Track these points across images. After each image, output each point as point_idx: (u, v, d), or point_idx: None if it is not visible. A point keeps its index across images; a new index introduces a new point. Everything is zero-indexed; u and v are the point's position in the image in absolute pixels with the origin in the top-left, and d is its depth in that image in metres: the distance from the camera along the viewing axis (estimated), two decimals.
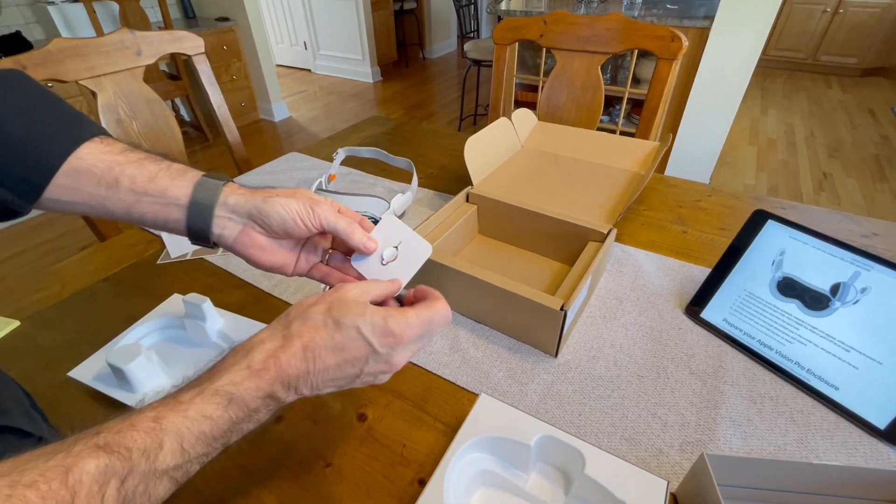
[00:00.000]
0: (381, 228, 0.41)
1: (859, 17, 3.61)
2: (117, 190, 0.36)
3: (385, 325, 0.31)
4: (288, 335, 0.31)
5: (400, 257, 0.40)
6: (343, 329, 0.31)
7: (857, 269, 0.46)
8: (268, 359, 0.30)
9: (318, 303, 0.33)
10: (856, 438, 0.44)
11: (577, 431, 0.45)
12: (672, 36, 0.90)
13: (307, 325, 0.31)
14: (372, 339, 0.31)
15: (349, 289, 0.34)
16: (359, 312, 0.31)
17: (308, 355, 0.30)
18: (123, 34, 0.93)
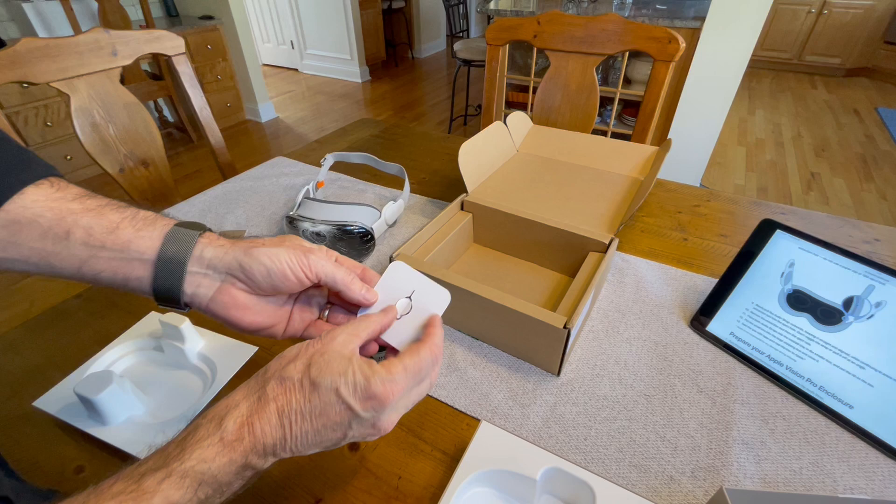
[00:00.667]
0: (389, 278, 0.36)
1: (843, 18, 3.66)
2: (68, 244, 0.30)
3: (367, 388, 0.27)
4: (263, 397, 0.27)
5: (415, 308, 0.35)
6: (320, 391, 0.27)
7: (871, 282, 0.45)
8: (241, 427, 0.26)
9: (297, 357, 0.29)
10: (873, 461, 0.42)
11: (584, 459, 0.42)
12: (669, 37, 0.88)
13: (283, 386, 0.28)
14: (353, 402, 0.27)
15: (334, 336, 0.30)
16: (339, 371, 0.27)
17: (284, 421, 0.27)
18: (98, 34, 0.89)
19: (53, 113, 2.30)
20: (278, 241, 0.33)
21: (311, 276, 0.33)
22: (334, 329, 0.30)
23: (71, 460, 0.43)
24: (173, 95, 2.81)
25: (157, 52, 0.97)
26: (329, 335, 0.30)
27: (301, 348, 0.29)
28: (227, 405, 0.27)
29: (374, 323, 0.32)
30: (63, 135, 2.37)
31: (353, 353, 0.29)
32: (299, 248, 0.33)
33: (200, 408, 0.46)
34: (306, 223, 0.64)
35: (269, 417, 0.27)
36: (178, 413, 0.46)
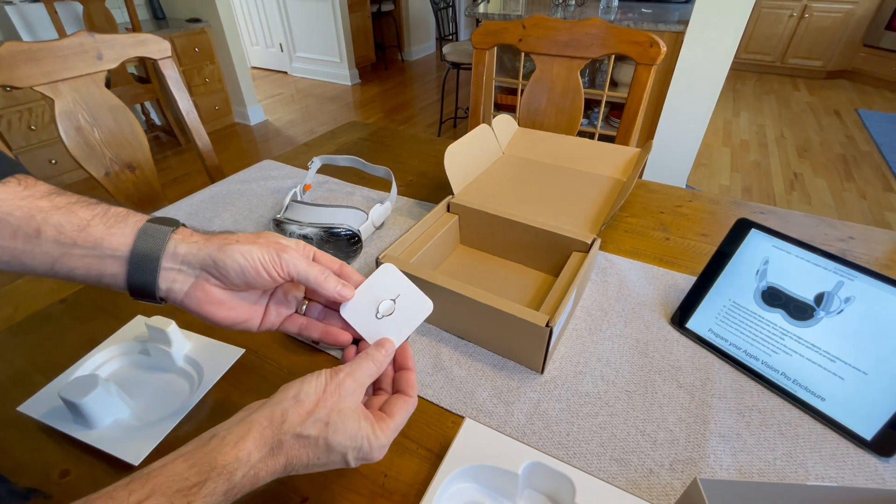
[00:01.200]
0: (379, 278, 0.37)
1: (823, 22, 3.74)
2: (39, 242, 0.30)
3: (368, 453, 0.31)
4: (277, 450, 0.28)
5: (397, 311, 0.36)
6: (331, 453, 0.30)
7: (840, 278, 0.46)
8: (247, 481, 0.27)
9: (316, 411, 0.29)
10: (843, 450, 0.43)
11: (566, 454, 0.43)
12: (651, 42, 0.90)
13: (299, 443, 0.29)
14: (352, 461, 0.31)
15: (347, 392, 0.31)
16: (352, 436, 0.30)
17: (286, 469, 0.29)
18: (82, 37, 0.88)
19: (37, 117, 2.28)
20: (253, 238, 0.34)
21: (283, 275, 0.34)
22: (347, 377, 0.32)
23: (56, 464, 0.43)
24: (160, 98, 2.79)
25: (143, 55, 0.97)
26: (341, 384, 0.31)
27: (318, 398, 0.30)
28: (237, 457, 0.27)
29: (377, 369, 0.34)
30: (47, 139, 2.34)
31: (361, 409, 0.31)
32: (274, 245, 0.34)
33: (187, 410, 0.47)
34: (293, 226, 0.64)
35: (274, 469, 0.28)
36: (165, 415, 0.46)
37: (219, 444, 0.27)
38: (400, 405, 0.34)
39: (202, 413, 0.47)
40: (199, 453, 0.27)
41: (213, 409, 0.48)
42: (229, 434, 0.28)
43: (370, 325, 0.36)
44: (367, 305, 0.36)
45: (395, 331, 0.36)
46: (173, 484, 0.25)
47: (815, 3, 3.70)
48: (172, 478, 0.25)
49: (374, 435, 0.31)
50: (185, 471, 0.26)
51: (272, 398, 0.31)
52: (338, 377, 0.31)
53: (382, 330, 0.36)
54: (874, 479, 0.41)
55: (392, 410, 0.33)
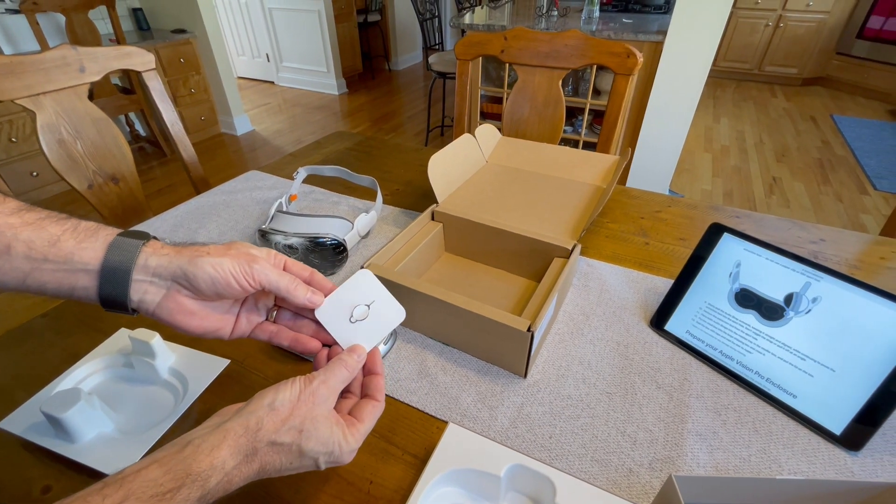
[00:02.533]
0: (355, 283, 0.39)
1: (798, 31, 3.86)
2: (9, 258, 0.31)
3: (339, 457, 0.32)
4: (251, 457, 0.29)
5: (371, 317, 0.38)
6: (304, 458, 0.31)
7: (807, 279, 0.48)
8: (221, 487, 0.28)
9: (290, 419, 0.30)
10: (815, 446, 0.45)
11: (548, 456, 0.44)
12: (628, 52, 0.92)
13: (273, 450, 0.30)
14: (322, 465, 0.32)
15: (321, 399, 0.32)
16: (324, 441, 0.31)
17: (260, 474, 0.30)
18: (65, 50, 0.88)
19: (18, 129, 2.25)
20: (223, 249, 0.35)
21: (254, 285, 0.35)
22: (322, 385, 0.33)
23: (38, 480, 0.43)
24: (145, 109, 2.77)
25: (127, 68, 0.97)
26: (315, 392, 0.32)
27: (293, 405, 0.31)
28: (212, 465, 0.27)
29: (349, 375, 0.35)
30: (28, 151, 2.30)
31: (333, 415, 0.33)
32: (244, 255, 0.34)
33: (172, 422, 0.47)
34: (278, 236, 0.65)
35: (247, 475, 0.30)
36: (149, 428, 0.46)
37: (194, 452, 0.27)
38: (369, 410, 0.35)
39: (187, 424, 0.47)
40: (174, 460, 0.27)
41: (198, 420, 0.48)
42: (204, 442, 0.28)
43: (343, 328, 0.37)
44: (341, 309, 0.37)
45: (368, 336, 0.37)
46: (148, 489, 0.25)
47: (790, 13, 3.82)
48: (147, 483, 0.26)
49: (346, 440, 0.33)
50: (160, 476, 0.26)
51: (247, 405, 0.31)
52: (312, 385, 0.32)
53: (355, 334, 0.37)
54: (844, 473, 0.43)
55: (362, 415, 0.34)
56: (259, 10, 4.00)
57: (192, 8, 2.81)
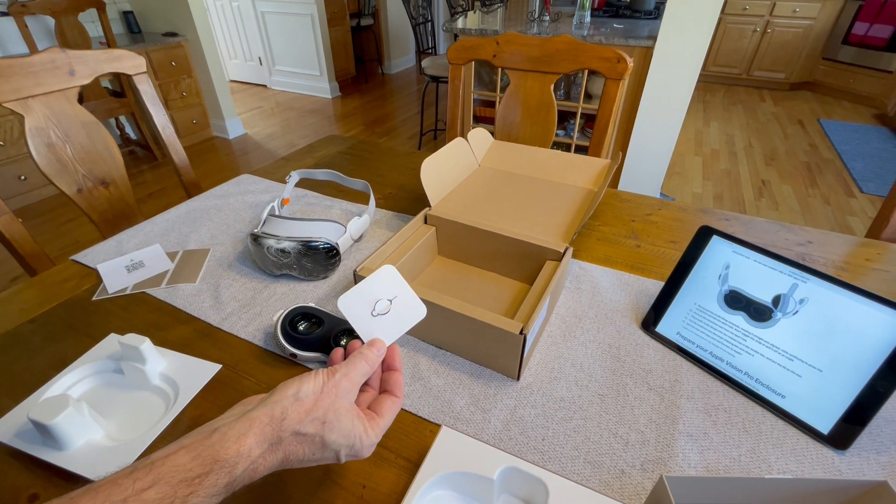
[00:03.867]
0: (379, 277, 0.39)
1: (785, 36, 3.93)
2: None
3: (359, 451, 0.33)
4: (276, 447, 0.30)
5: (392, 312, 0.38)
6: (326, 450, 0.32)
7: (794, 281, 0.49)
8: (247, 475, 0.29)
9: (314, 409, 0.31)
10: (803, 445, 0.46)
11: (541, 458, 0.44)
12: (618, 57, 0.93)
13: (297, 439, 0.30)
14: (342, 458, 0.33)
15: (343, 392, 0.33)
16: (346, 434, 0.32)
17: (283, 464, 0.31)
18: (54, 53, 0.88)
19: (6, 132, 2.22)
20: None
21: None
22: (343, 378, 0.33)
23: (25, 488, 0.42)
24: (136, 112, 2.75)
25: (117, 71, 0.96)
26: (338, 384, 0.33)
27: (317, 397, 0.32)
28: (239, 452, 0.28)
29: (369, 368, 0.35)
30: (17, 154, 2.28)
31: (354, 409, 0.34)
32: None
33: (162, 428, 0.46)
34: (271, 240, 0.65)
35: (272, 464, 0.30)
36: (139, 434, 0.45)
37: (221, 439, 0.28)
38: (388, 405, 0.36)
39: (178, 431, 0.47)
40: (202, 446, 0.28)
41: (190, 426, 0.48)
42: (231, 429, 0.29)
43: (365, 321, 0.38)
44: (364, 302, 0.38)
45: (387, 330, 0.38)
46: (177, 474, 0.26)
47: (777, 19, 3.88)
48: (176, 468, 0.26)
49: (366, 434, 0.33)
50: (189, 462, 0.27)
51: (271, 395, 0.32)
52: (334, 377, 0.33)
53: (375, 327, 0.38)
54: (832, 472, 0.43)
55: (381, 410, 0.35)
56: (251, 14, 3.99)
57: (183, 11, 2.79)
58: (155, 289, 0.66)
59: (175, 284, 0.67)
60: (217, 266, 0.71)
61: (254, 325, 0.60)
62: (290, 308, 0.56)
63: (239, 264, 0.72)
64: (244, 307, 0.63)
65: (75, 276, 0.70)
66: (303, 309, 0.57)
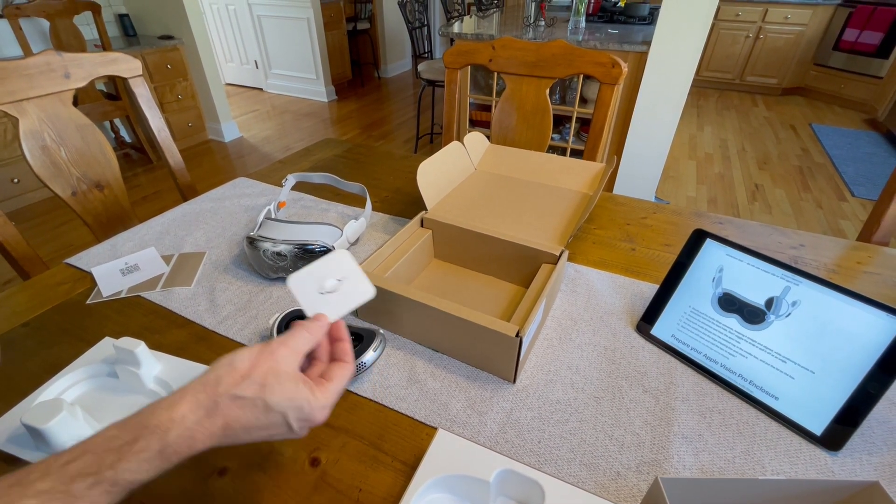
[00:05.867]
0: (330, 259, 0.41)
1: (777, 42, 3.97)
2: None
3: (310, 414, 0.32)
4: (213, 412, 0.29)
5: (340, 291, 0.40)
6: (271, 414, 0.31)
7: (787, 283, 0.49)
8: (183, 442, 0.28)
9: (251, 374, 0.31)
10: (796, 446, 0.46)
11: (537, 461, 0.44)
12: (613, 62, 0.94)
13: (236, 403, 0.30)
14: (294, 424, 0.32)
15: (282, 358, 0.32)
16: (290, 397, 0.31)
17: (226, 433, 0.30)
18: (49, 56, 0.87)
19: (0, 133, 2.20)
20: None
21: None
22: (281, 346, 0.33)
23: None
24: (130, 115, 2.74)
25: (113, 74, 0.96)
26: (276, 354, 0.32)
27: (253, 363, 0.31)
28: (171, 418, 0.28)
29: (312, 339, 0.36)
30: (9, 157, 2.26)
31: (298, 374, 0.33)
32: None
33: None
34: (267, 243, 0.64)
35: (212, 432, 0.29)
36: None
37: (151, 409, 0.29)
38: (337, 370, 0.36)
39: None
40: (132, 419, 0.28)
41: None
42: (162, 401, 0.29)
43: (311, 298, 0.39)
44: (312, 281, 0.39)
45: (333, 307, 0.39)
46: (104, 444, 0.26)
47: (769, 25, 3.93)
48: (104, 439, 0.27)
49: (314, 396, 0.32)
50: (117, 432, 0.27)
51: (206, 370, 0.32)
52: (270, 346, 0.33)
53: (321, 304, 0.38)
54: (825, 472, 0.44)
55: (330, 375, 0.35)
56: (247, 17, 3.99)
57: (179, 14, 2.79)
58: (150, 292, 0.66)
59: (170, 288, 0.67)
60: (213, 269, 0.71)
61: (250, 329, 0.60)
62: (287, 311, 0.56)
63: (235, 268, 0.72)
64: (240, 310, 0.63)
65: (69, 280, 0.69)
66: (299, 312, 0.56)
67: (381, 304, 0.57)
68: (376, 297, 0.56)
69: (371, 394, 0.51)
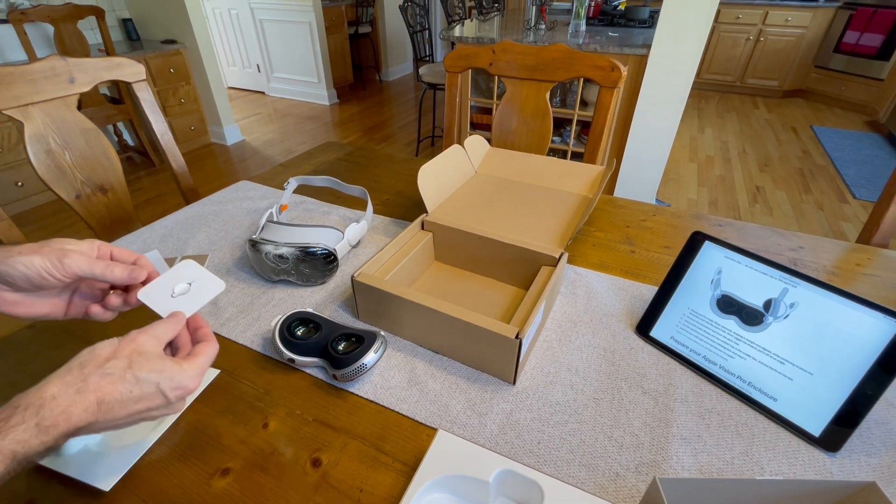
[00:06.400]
0: (176, 270, 0.44)
1: (777, 45, 3.98)
2: None
3: (181, 382, 0.35)
4: (83, 389, 0.32)
5: (192, 292, 0.43)
6: (143, 384, 0.34)
7: (785, 285, 0.50)
8: (58, 416, 0.30)
9: (116, 356, 0.34)
10: (795, 447, 0.46)
11: (537, 461, 0.45)
12: (612, 66, 0.95)
13: (105, 379, 0.32)
14: (168, 393, 0.35)
15: (144, 341, 0.36)
16: (158, 369, 0.34)
17: (102, 408, 0.32)
18: (54, 61, 0.88)
19: (3, 138, 2.22)
20: (37, 248, 0.38)
21: (68, 275, 0.39)
22: (141, 333, 0.37)
23: (22, 495, 0.42)
24: (133, 119, 2.75)
25: (117, 78, 0.97)
26: (138, 339, 0.36)
27: (115, 348, 0.35)
28: (41, 397, 0.31)
29: (170, 329, 0.39)
30: (13, 161, 2.28)
31: (163, 353, 0.36)
32: (57, 251, 0.38)
33: (160, 434, 0.46)
34: (269, 246, 0.65)
35: (87, 406, 0.31)
36: (137, 440, 0.46)
37: (21, 395, 0.31)
38: (201, 347, 0.39)
39: (175, 436, 0.47)
40: (6, 405, 0.31)
41: (187, 431, 0.48)
42: (30, 389, 0.31)
43: (165, 303, 0.42)
44: (163, 290, 0.42)
45: (188, 305, 0.42)
46: None
47: (770, 28, 3.94)
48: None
49: (182, 367, 0.35)
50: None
51: None
52: (130, 335, 0.36)
53: (175, 305, 0.42)
54: (823, 473, 0.44)
55: (195, 352, 0.38)
56: (250, 21, 4.01)
57: (182, 19, 2.81)
58: None
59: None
60: (215, 272, 0.72)
61: (252, 331, 0.60)
62: (288, 313, 0.57)
63: (237, 270, 0.72)
64: (242, 312, 0.63)
65: None
66: (300, 314, 0.57)
67: (381, 307, 0.58)
68: (377, 300, 0.57)
69: (372, 395, 0.52)
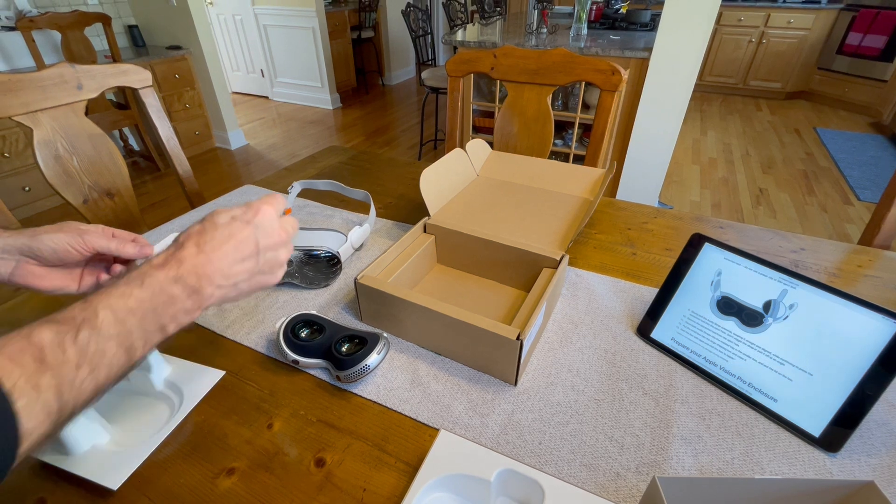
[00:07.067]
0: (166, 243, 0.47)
1: (780, 47, 3.98)
2: None
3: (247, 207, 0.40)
4: (178, 245, 0.36)
5: None
6: (218, 227, 0.38)
7: (784, 286, 0.50)
8: (167, 258, 0.35)
9: (187, 231, 0.38)
10: (795, 448, 0.46)
11: (538, 461, 0.45)
12: (612, 70, 0.96)
13: (187, 234, 0.37)
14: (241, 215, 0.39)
15: None
16: (219, 212, 0.39)
17: (203, 248, 0.36)
18: (63, 68, 0.90)
19: (11, 144, 2.25)
20: (57, 227, 0.44)
21: (88, 250, 0.44)
22: None
23: (31, 493, 0.43)
24: (139, 124, 2.78)
25: (124, 85, 0.98)
26: None
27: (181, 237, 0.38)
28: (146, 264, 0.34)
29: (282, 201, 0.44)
30: (21, 166, 2.30)
31: None
32: (76, 230, 0.44)
33: (167, 433, 0.47)
34: None
35: (189, 249, 0.36)
36: (144, 439, 0.46)
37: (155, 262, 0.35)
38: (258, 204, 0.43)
39: (182, 436, 0.48)
40: None
41: (194, 431, 0.49)
42: None
43: None
44: None
45: None
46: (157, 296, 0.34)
47: (772, 30, 3.94)
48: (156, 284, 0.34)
49: None
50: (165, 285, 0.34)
51: None
52: None
53: None
54: (823, 474, 0.44)
55: None
56: (254, 27, 4.05)
57: (187, 25, 2.84)
58: None
59: None
60: None
61: (256, 333, 0.61)
62: (292, 315, 0.58)
63: None
64: (247, 315, 0.64)
65: None
66: (304, 316, 0.58)
67: (384, 309, 0.58)
68: (380, 302, 0.58)
69: (375, 396, 0.52)
